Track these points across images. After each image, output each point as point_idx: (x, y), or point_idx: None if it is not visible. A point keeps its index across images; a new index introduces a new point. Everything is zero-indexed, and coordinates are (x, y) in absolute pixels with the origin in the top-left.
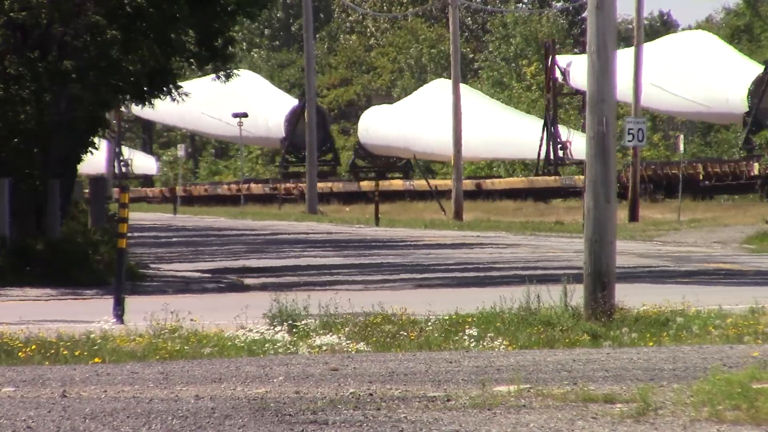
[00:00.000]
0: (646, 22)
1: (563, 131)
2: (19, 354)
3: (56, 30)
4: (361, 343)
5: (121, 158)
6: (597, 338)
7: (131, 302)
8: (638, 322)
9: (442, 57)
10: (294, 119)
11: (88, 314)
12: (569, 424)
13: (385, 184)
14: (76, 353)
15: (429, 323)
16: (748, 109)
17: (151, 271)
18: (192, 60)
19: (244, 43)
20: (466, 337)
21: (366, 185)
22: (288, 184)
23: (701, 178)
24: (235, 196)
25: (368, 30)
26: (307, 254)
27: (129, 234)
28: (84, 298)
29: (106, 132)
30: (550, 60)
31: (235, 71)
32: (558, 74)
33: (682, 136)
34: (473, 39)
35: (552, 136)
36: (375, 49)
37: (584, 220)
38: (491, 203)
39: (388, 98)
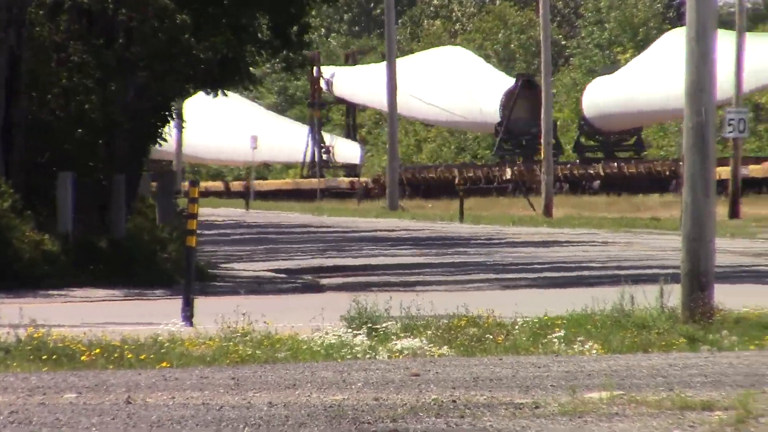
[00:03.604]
0: (749, 5)
1: (327, 137)
2: (82, 358)
3: (123, 15)
4: (444, 347)
5: None
6: (695, 342)
7: (201, 303)
8: (738, 325)
9: (532, 44)
10: None
11: (154, 316)
12: None
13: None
14: (142, 357)
15: (516, 326)
16: (500, 119)
17: (221, 270)
18: (263, 49)
19: (322, 29)
20: (555, 341)
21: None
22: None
23: (456, 182)
24: None
25: (453, 15)
26: (387, 253)
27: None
28: (150, 299)
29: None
30: (314, 70)
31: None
32: (322, 84)
33: None
34: (565, 24)
35: (317, 142)
36: (460, 35)
37: (681, 216)
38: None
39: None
